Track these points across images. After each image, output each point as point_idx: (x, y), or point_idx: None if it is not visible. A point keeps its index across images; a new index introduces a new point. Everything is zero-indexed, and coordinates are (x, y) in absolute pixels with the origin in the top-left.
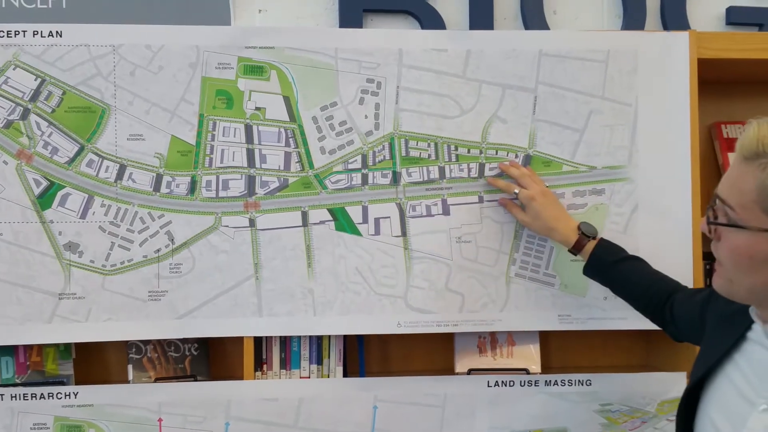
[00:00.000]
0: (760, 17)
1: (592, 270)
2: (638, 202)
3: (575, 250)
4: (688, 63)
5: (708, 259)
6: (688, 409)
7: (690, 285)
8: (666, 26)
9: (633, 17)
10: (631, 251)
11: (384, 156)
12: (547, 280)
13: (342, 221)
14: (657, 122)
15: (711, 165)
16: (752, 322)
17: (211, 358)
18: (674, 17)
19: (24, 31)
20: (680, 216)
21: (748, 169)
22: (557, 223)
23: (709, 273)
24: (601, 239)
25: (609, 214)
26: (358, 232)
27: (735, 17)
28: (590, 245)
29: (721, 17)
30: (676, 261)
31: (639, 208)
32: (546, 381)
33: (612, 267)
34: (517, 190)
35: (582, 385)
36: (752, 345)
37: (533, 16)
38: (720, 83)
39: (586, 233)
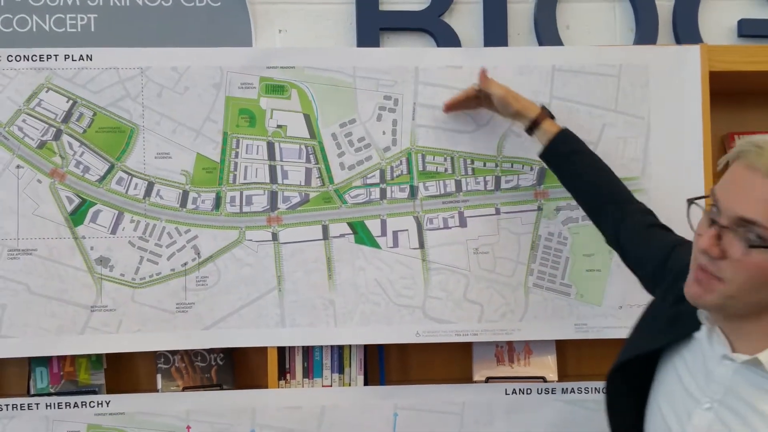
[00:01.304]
0: None
1: (547, 155)
2: (653, 211)
3: (534, 126)
4: (699, 76)
5: None
6: (632, 379)
7: None
8: (678, 39)
9: (645, 31)
10: None
11: (401, 171)
12: (564, 289)
13: (361, 234)
14: (670, 134)
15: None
16: (701, 323)
17: (236, 368)
18: (686, 30)
19: (56, 55)
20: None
21: None
22: (521, 102)
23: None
24: (564, 129)
25: None
26: (377, 245)
27: (747, 30)
28: (550, 126)
29: (733, 30)
30: None
31: None
32: (563, 389)
33: (568, 156)
34: (476, 87)
35: (598, 392)
36: (698, 345)
37: (546, 32)
38: (732, 94)
39: (548, 112)
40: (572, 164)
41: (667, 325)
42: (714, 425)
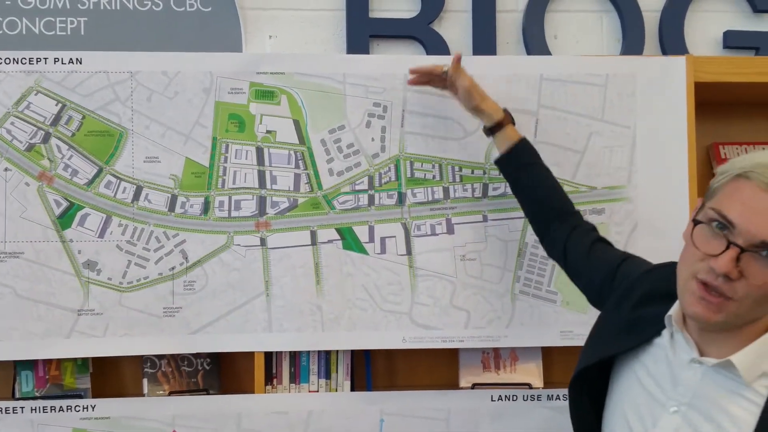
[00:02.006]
0: (756, 41)
1: (507, 162)
2: (637, 221)
3: (496, 128)
4: (685, 86)
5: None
6: (590, 386)
7: None
8: (664, 50)
9: (632, 41)
10: None
11: (390, 177)
12: (550, 297)
13: (349, 240)
14: (655, 144)
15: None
16: (662, 328)
17: (222, 373)
18: (672, 41)
19: (45, 59)
20: (679, 235)
21: None
22: (486, 101)
23: None
24: (524, 138)
25: (609, 233)
26: (364, 251)
27: (732, 41)
28: (512, 132)
29: (719, 41)
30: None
31: (638, 228)
32: (548, 396)
33: (526, 167)
34: (445, 69)
35: None
36: (660, 350)
37: (534, 41)
38: (717, 105)
39: (511, 117)
40: (528, 175)
41: (624, 332)
42: (681, 429)
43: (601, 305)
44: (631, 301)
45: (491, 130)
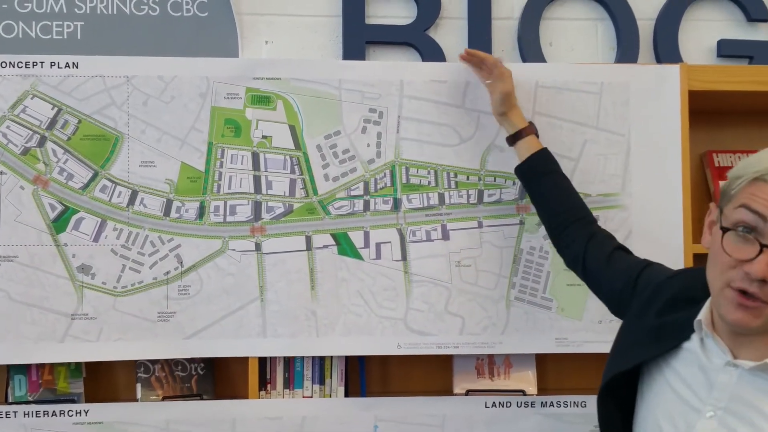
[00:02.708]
0: (750, 50)
1: (526, 170)
2: (632, 228)
3: (518, 136)
4: (679, 94)
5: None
6: (619, 395)
7: None
8: (659, 58)
9: (626, 49)
10: None
11: (385, 183)
12: (545, 303)
13: (344, 246)
14: (649, 152)
15: (702, 193)
16: (690, 333)
17: (216, 378)
18: (667, 49)
19: (42, 62)
20: (672, 242)
21: None
22: (515, 110)
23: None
24: (545, 148)
25: None
26: (359, 257)
27: (726, 50)
28: (534, 142)
29: (713, 50)
30: None
31: (632, 235)
32: (542, 402)
33: (545, 175)
34: (489, 81)
35: (577, 406)
36: (690, 355)
37: (530, 48)
38: (711, 113)
39: (535, 128)
40: (547, 183)
41: (652, 338)
42: None
43: (622, 314)
44: (655, 307)
45: (513, 138)
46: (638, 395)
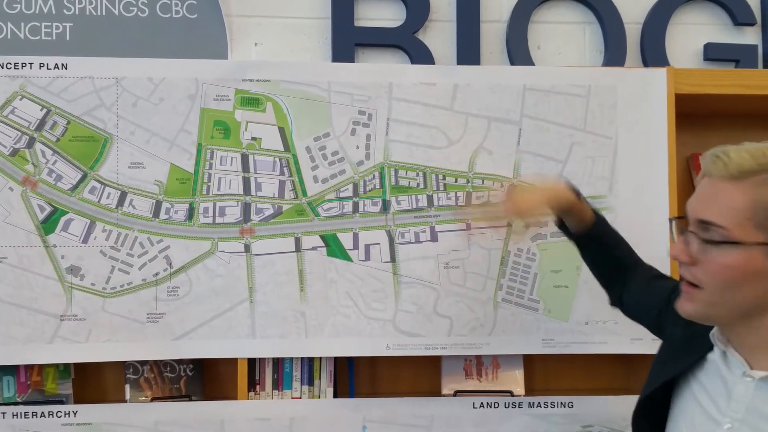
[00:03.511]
0: (736, 54)
1: (587, 237)
2: (618, 230)
3: (573, 209)
4: (666, 98)
5: None
6: (653, 414)
7: None
8: (645, 62)
9: (614, 53)
10: None
11: (374, 185)
12: (532, 305)
13: (333, 247)
14: (636, 154)
15: (688, 195)
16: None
17: (205, 379)
18: (653, 53)
19: (31, 64)
20: (658, 244)
21: (737, 190)
22: (546, 185)
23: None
24: (597, 216)
25: None
26: (348, 258)
27: (712, 53)
28: (585, 211)
29: (699, 53)
30: None
31: None
32: (529, 403)
33: (598, 239)
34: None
35: (564, 407)
36: (713, 366)
37: (518, 51)
38: (697, 116)
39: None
40: (599, 245)
41: (681, 353)
42: None
43: (662, 334)
44: (683, 321)
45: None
46: (670, 411)
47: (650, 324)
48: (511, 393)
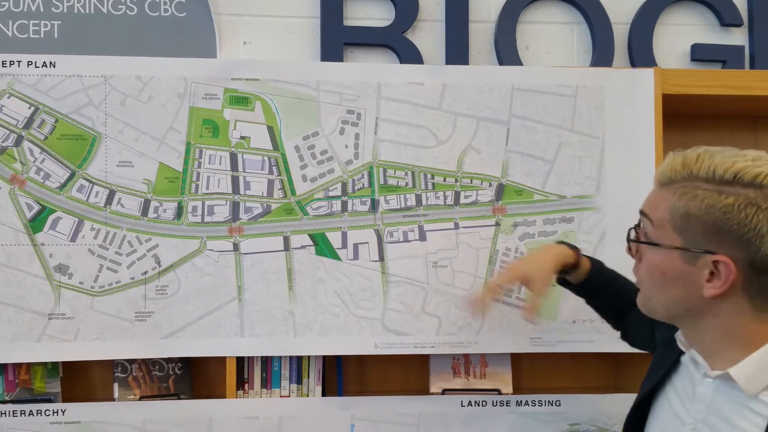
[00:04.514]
0: (723, 54)
1: (578, 288)
2: (605, 230)
3: (574, 266)
4: (653, 98)
5: None
6: (640, 421)
7: None
8: (633, 62)
9: (601, 53)
10: None
11: (363, 184)
12: (520, 304)
13: (322, 246)
14: (624, 154)
15: None
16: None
17: (194, 378)
18: (641, 53)
19: (18, 61)
20: None
21: (663, 195)
22: (548, 249)
23: None
24: (592, 263)
25: (578, 242)
26: (337, 257)
27: (699, 54)
28: (584, 263)
29: (687, 54)
30: None
31: (606, 236)
32: (517, 401)
33: (605, 287)
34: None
35: (551, 405)
36: (684, 368)
37: (506, 51)
38: (684, 117)
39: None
40: (599, 292)
41: (661, 359)
42: None
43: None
44: (662, 332)
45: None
46: (648, 416)
47: (653, 347)
48: (498, 391)
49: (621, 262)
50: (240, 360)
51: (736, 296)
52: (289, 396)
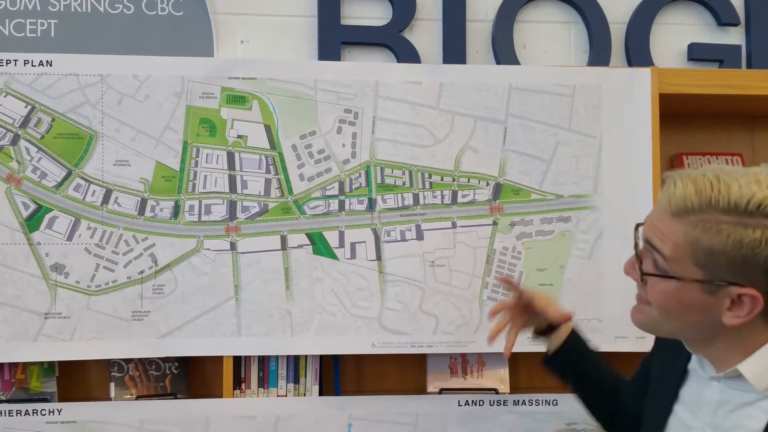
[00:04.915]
0: (720, 54)
1: (559, 360)
2: (603, 229)
3: (550, 330)
4: (650, 98)
5: None
6: None
7: None
8: (630, 61)
9: (598, 53)
10: (595, 277)
11: (360, 183)
12: None
13: (319, 245)
14: (621, 154)
15: None
16: (690, 354)
17: (190, 377)
18: (638, 53)
19: (15, 60)
20: None
21: (678, 226)
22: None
23: None
24: (573, 329)
25: (575, 241)
26: (334, 256)
27: (696, 54)
28: (564, 329)
29: (684, 53)
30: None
31: (603, 235)
32: (514, 401)
33: (579, 361)
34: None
35: (549, 404)
36: (693, 374)
37: (504, 50)
38: (682, 116)
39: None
40: (587, 363)
41: (663, 377)
42: None
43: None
44: (657, 358)
45: (544, 332)
46: None
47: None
48: (496, 391)
49: (619, 263)
50: (237, 359)
51: (754, 319)
52: (286, 395)
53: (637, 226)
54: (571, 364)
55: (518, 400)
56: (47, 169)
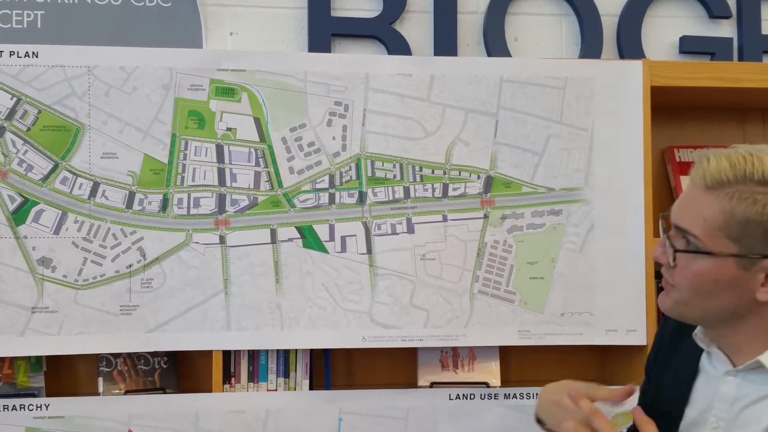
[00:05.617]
0: (711, 47)
1: None
2: (594, 222)
3: None
4: (641, 90)
5: (660, 277)
6: None
7: (642, 302)
8: (622, 54)
9: (590, 45)
10: (586, 270)
11: (351, 176)
12: (508, 296)
13: (309, 239)
14: (612, 146)
15: (664, 187)
16: (701, 351)
17: (180, 372)
18: (630, 45)
19: (1, 52)
20: (634, 236)
21: (713, 199)
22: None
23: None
24: None
25: (566, 234)
26: (324, 250)
27: (688, 46)
28: None
29: (675, 46)
30: (630, 279)
31: (595, 228)
32: (505, 394)
33: None
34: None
35: None
36: (703, 370)
37: (495, 42)
38: (673, 109)
39: None
40: None
41: (677, 373)
42: None
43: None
44: (661, 357)
45: None
46: None
47: None
48: (487, 384)
49: (610, 256)
50: (226, 354)
51: None
52: (276, 390)
53: (662, 215)
54: None
55: (509, 394)
56: (33, 161)
